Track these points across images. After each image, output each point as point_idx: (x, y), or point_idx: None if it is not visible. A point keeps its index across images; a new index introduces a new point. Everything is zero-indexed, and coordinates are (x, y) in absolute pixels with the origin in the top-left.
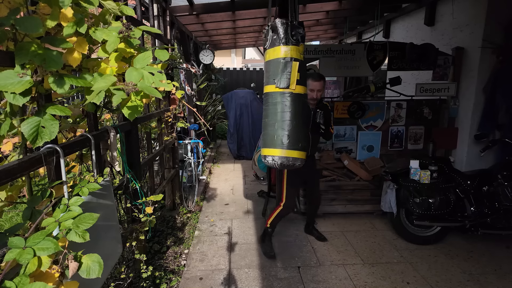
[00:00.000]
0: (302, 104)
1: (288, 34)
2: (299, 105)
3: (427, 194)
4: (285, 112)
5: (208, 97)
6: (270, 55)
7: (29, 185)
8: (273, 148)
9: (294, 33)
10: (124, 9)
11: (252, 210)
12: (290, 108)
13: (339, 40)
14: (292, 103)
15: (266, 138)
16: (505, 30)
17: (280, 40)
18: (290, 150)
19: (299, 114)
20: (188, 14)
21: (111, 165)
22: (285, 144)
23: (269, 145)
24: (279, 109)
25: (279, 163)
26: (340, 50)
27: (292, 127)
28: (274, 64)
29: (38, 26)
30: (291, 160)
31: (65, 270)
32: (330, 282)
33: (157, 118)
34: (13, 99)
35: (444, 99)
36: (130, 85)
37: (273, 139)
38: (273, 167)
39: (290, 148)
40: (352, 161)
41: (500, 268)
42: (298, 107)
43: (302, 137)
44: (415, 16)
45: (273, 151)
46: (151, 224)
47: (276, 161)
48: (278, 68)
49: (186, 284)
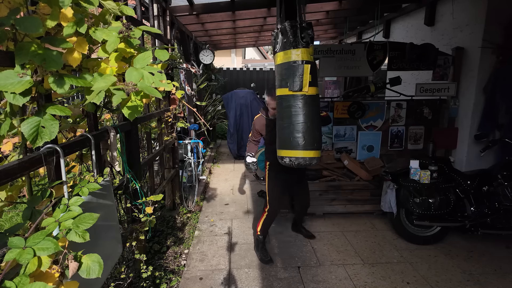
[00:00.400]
0: (314, 105)
1: (298, 37)
2: (312, 107)
3: (427, 194)
4: (299, 114)
5: (208, 97)
6: (281, 58)
7: (29, 185)
8: (290, 150)
9: (304, 35)
10: (124, 9)
11: (252, 210)
12: (303, 110)
13: (339, 40)
14: (305, 105)
15: (282, 140)
16: (505, 30)
17: (291, 43)
18: (306, 150)
19: (312, 115)
20: (188, 14)
21: (111, 165)
22: (301, 145)
23: (286, 146)
24: (293, 112)
25: (296, 163)
26: (340, 50)
27: (306, 128)
28: (286, 67)
29: (38, 26)
30: (308, 160)
31: (65, 270)
32: (330, 282)
33: (157, 118)
34: (13, 99)
35: (444, 99)
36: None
37: (290, 141)
38: (291, 167)
39: (306, 149)
40: (352, 161)
41: (500, 268)
42: (311, 108)
43: (317, 137)
44: (415, 16)
45: (290, 152)
46: (151, 224)
47: (293, 161)
48: (290, 71)
49: (186, 284)
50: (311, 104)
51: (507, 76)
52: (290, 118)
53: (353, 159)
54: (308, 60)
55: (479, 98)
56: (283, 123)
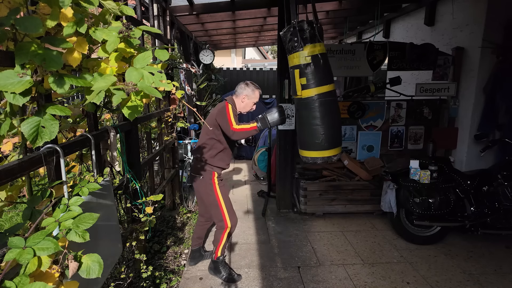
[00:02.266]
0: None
1: (286, 44)
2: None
3: (427, 194)
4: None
5: (208, 97)
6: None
7: (29, 185)
8: (310, 151)
9: (290, 43)
10: (124, 9)
11: (252, 210)
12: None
13: (339, 40)
14: (320, 106)
15: (301, 141)
16: (505, 30)
17: (288, 50)
18: (325, 150)
19: (327, 115)
20: (188, 14)
21: (111, 165)
22: (318, 146)
23: (305, 147)
24: (304, 115)
25: (318, 162)
26: (340, 50)
27: (325, 129)
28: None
29: (38, 26)
30: (326, 158)
31: (65, 270)
32: (330, 282)
33: (157, 118)
34: (13, 99)
35: (444, 99)
36: (130, 85)
37: (306, 143)
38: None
39: (325, 149)
40: (352, 161)
41: (500, 268)
42: (322, 109)
43: (336, 135)
44: (415, 16)
45: (310, 153)
46: (151, 224)
47: (316, 160)
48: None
49: (186, 284)
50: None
51: (507, 76)
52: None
53: (353, 159)
54: (297, 64)
55: (479, 98)
56: (299, 125)
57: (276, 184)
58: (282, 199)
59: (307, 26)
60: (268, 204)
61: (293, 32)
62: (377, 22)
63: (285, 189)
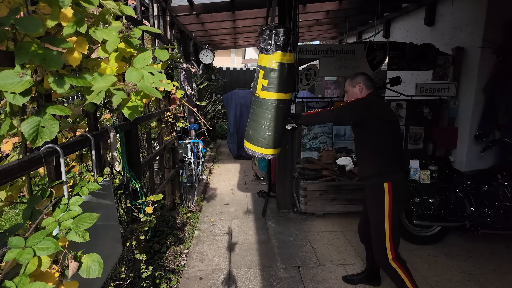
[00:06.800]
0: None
1: (261, 42)
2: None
3: (427, 194)
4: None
5: (208, 97)
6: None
7: (29, 185)
8: (253, 145)
9: (264, 43)
10: (124, 9)
11: (252, 210)
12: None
13: (339, 40)
14: (272, 110)
15: (247, 133)
16: (505, 30)
17: (261, 49)
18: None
19: (277, 120)
20: (188, 14)
21: (111, 165)
22: (261, 144)
23: (248, 140)
24: (256, 112)
25: (256, 156)
26: (340, 50)
27: (272, 132)
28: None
29: (38, 26)
30: (264, 154)
31: (65, 270)
32: (330, 282)
33: (157, 118)
34: (13, 99)
35: (444, 99)
36: (130, 85)
37: (251, 137)
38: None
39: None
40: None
41: (500, 268)
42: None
43: (279, 139)
44: (415, 16)
45: (252, 147)
46: (151, 224)
47: (254, 154)
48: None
49: (186, 284)
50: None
51: (507, 76)
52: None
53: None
54: (264, 66)
55: (479, 98)
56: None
57: (276, 184)
58: (282, 199)
59: (283, 34)
60: (268, 204)
61: (269, 34)
62: (377, 22)
63: (285, 189)
